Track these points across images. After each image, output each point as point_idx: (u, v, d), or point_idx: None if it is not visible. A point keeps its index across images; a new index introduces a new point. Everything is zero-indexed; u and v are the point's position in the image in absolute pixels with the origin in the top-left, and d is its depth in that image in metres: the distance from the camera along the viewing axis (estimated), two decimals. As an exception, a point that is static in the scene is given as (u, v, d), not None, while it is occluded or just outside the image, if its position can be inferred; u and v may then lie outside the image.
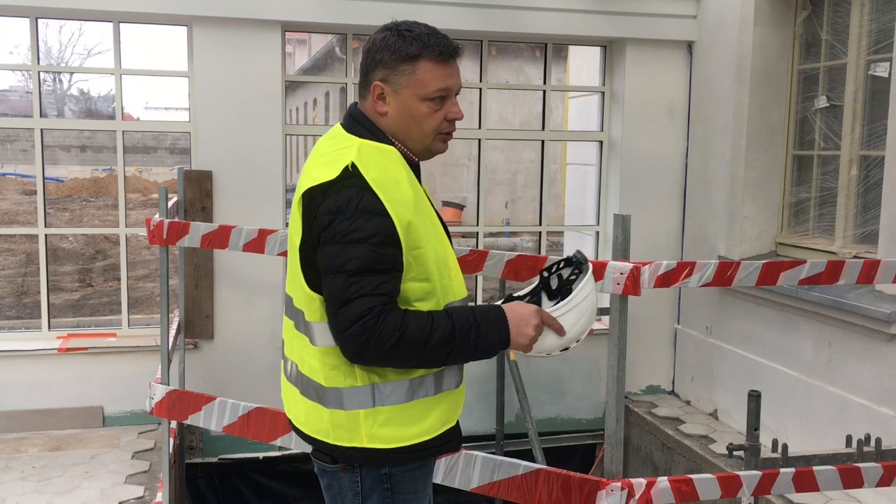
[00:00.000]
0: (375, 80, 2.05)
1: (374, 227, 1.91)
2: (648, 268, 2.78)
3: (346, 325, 1.89)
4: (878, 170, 4.50)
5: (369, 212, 1.92)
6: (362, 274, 1.90)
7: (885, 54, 4.50)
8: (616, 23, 5.80)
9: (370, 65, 2.06)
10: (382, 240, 1.92)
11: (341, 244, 1.91)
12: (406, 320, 1.91)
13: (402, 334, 1.89)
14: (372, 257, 1.90)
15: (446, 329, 1.94)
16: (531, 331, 2.04)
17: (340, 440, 2.03)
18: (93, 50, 32.99)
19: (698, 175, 5.91)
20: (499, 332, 2.01)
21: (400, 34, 2.04)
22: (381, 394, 2.01)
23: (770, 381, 5.02)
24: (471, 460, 2.98)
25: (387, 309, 1.90)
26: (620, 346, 2.83)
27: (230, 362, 5.42)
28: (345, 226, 1.91)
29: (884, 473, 2.99)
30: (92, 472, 4.60)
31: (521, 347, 2.06)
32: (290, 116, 27.11)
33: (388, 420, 2.01)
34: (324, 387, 2.04)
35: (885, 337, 4.21)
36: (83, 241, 15.00)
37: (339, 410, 2.02)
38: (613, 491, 2.81)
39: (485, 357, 2.04)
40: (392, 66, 2.03)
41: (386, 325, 1.88)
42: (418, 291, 2.00)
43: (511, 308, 2.05)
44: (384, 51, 2.04)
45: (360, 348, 1.90)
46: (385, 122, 2.08)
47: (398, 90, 2.04)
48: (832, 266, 2.91)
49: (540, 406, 5.95)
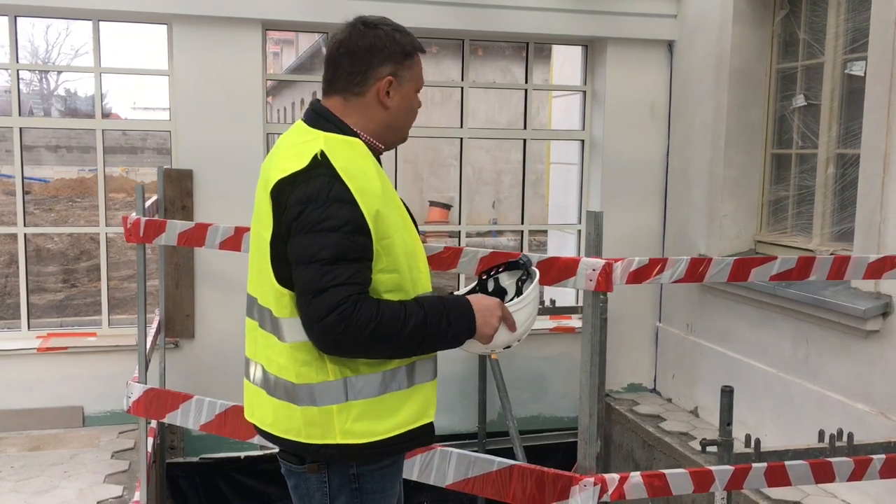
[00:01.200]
0: (384, 74, 2.09)
1: (346, 215, 1.91)
2: (620, 264, 2.80)
3: (321, 314, 1.88)
4: (855, 168, 4.54)
5: (340, 200, 1.92)
6: (336, 263, 1.89)
7: (860, 53, 4.54)
8: (596, 22, 5.83)
9: (373, 60, 2.08)
10: (354, 228, 1.92)
11: (313, 233, 1.90)
12: (381, 309, 1.91)
13: (379, 323, 1.89)
14: (345, 246, 1.90)
15: (419, 318, 1.95)
16: (496, 321, 2.07)
17: (313, 438, 2.02)
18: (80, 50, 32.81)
19: (679, 174, 5.94)
20: (467, 322, 2.03)
21: (396, 30, 2.11)
22: (354, 388, 2.00)
23: (749, 377, 5.05)
24: (446, 457, 3.00)
25: (362, 298, 1.90)
26: (594, 342, 2.85)
27: (211, 361, 5.40)
28: (316, 215, 1.90)
29: (855, 468, 3.02)
30: (71, 471, 4.59)
31: (484, 338, 2.08)
32: (278, 116, 27.05)
33: (361, 414, 2.01)
34: (294, 384, 2.02)
35: (861, 334, 4.24)
36: (68, 241, 14.93)
37: (311, 407, 2.01)
38: (586, 486, 2.82)
39: (454, 346, 2.07)
40: (399, 60, 2.10)
41: (362, 314, 1.88)
42: (388, 283, 2.00)
43: (476, 299, 2.08)
44: (392, 46, 2.09)
45: (336, 338, 1.89)
46: (382, 115, 2.11)
47: (402, 84, 2.11)
48: (803, 262, 2.93)
49: (522, 404, 5.97)
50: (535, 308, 2.24)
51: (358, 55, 2.08)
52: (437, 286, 8.50)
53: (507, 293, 2.32)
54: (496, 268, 2.35)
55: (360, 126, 2.10)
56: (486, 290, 2.33)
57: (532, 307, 2.21)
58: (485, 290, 2.33)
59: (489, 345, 2.12)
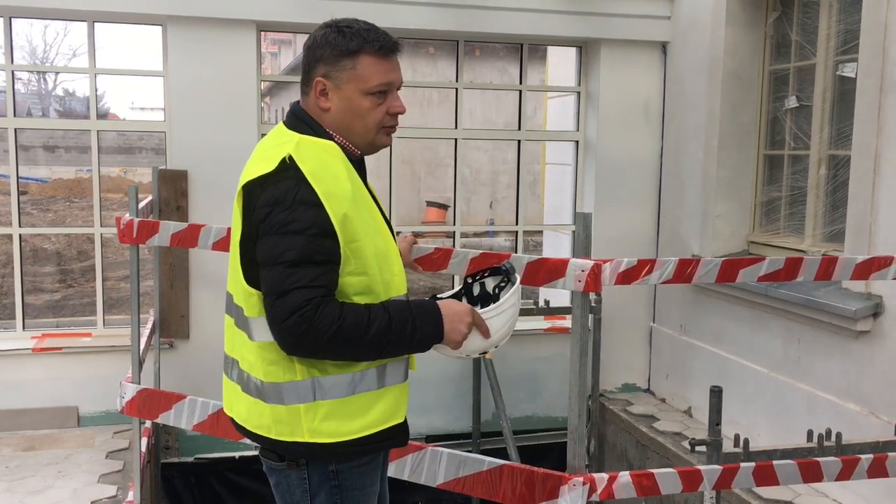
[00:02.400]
0: (317, 76, 2.07)
1: (311, 218, 1.93)
2: (609, 265, 2.81)
3: (283, 316, 1.90)
4: (846, 169, 4.56)
5: (306, 203, 1.93)
6: (299, 265, 1.91)
7: (852, 55, 4.56)
8: (590, 23, 5.84)
9: (311, 61, 2.08)
10: (319, 231, 1.93)
11: (279, 235, 1.93)
12: (344, 312, 1.92)
13: (340, 326, 1.91)
14: (309, 249, 1.92)
15: (383, 322, 1.96)
16: (464, 328, 2.07)
17: (282, 435, 2.04)
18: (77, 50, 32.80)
19: (672, 174, 5.96)
20: (433, 327, 2.03)
21: (339, 30, 2.06)
22: (322, 388, 2.02)
23: (741, 377, 5.07)
24: (437, 457, 3.01)
25: (325, 301, 1.92)
26: (583, 342, 2.87)
27: (206, 361, 5.39)
28: (282, 217, 1.92)
29: (843, 467, 3.04)
30: (65, 471, 4.60)
31: (452, 344, 2.08)
32: (276, 116, 27.04)
33: (328, 414, 2.02)
34: (262, 382, 2.04)
35: (851, 334, 4.26)
36: (65, 241, 14.93)
37: (279, 405, 2.03)
38: (575, 486, 2.84)
39: (419, 351, 2.07)
40: (333, 61, 2.05)
41: (324, 317, 1.89)
42: (357, 285, 2.01)
43: (446, 305, 2.08)
44: (324, 47, 2.06)
45: (297, 339, 1.91)
46: (328, 117, 2.09)
47: (340, 85, 2.06)
48: (791, 263, 2.95)
49: (516, 404, 5.98)
50: (514, 315, 2.21)
51: (304, 58, 2.11)
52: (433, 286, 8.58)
53: (493, 298, 2.33)
54: (482, 272, 2.36)
55: (331, 128, 2.10)
56: (472, 293, 2.34)
57: (509, 314, 2.19)
58: (470, 294, 2.34)
59: (460, 350, 2.12)
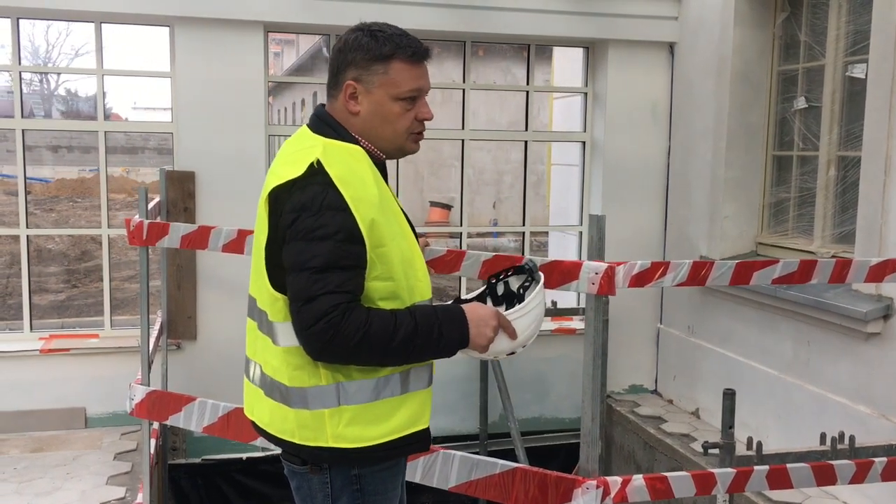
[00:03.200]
0: (348, 79, 2.06)
1: (339, 223, 1.92)
2: (623, 267, 2.80)
3: (310, 322, 1.90)
4: (856, 170, 4.55)
5: (334, 208, 1.92)
6: (327, 271, 1.90)
7: (861, 56, 4.55)
8: (598, 24, 5.83)
9: (341, 64, 2.08)
10: (346, 236, 1.92)
11: (306, 241, 1.92)
12: (370, 318, 1.92)
13: (367, 332, 1.90)
14: (336, 254, 1.91)
15: (409, 327, 1.95)
16: (490, 332, 2.06)
17: (306, 440, 2.03)
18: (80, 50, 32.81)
19: (680, 175, 5.95)
20: (459, 332, 2.02)
21: (372, 34, 2.06)
22: (346, 393, 2.01)
23: (750, 379, 5.06)
24: (448, 459, 3.00)
25: (351, 306, 1.91)
26: (596, 345, 2.85)
27: (213, 363, 5.41)
28: (310, 223, 1.92)
29: (857, 471, 3.03)
30: (73, 473, 4.60)
31: (479, 348, 2.07)
32: (279, 117, 27.07)
33: (353, 419, 2.01)
34: (287, 387, 2.04)
35: (862, 336, 4.25)
36: (69, 241, 14.94)
37: (303, 410, 2.02)
38: (589, 489, 2.83)
39: (445, 356, 2.06)
40: (364, 65, 2.05)
41: (350, 323, 1.89)
42: (382, 290, 2.01)
43: (471, 309, 2.07)
44: (357, 50, 2.05)
45: (323, 345, 1.90)
46: (356, 121, 2.08)
47: (371, 90, 2.06)
48: (804, 265, 2.94)
49: (523, 406, 5.97)
50: (540, 313, 2.20)
51: (333, 60, 2.10)
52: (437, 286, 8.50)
53: (517, 297, 2.31)
54: (505, 271, 2.34)
55: (358, 132, 2.09)
56: (496, 293, 2.32)
57: (535, 313, 2.19)
58: (494, 294, 2.32)
59: (488, 353, 2.12)
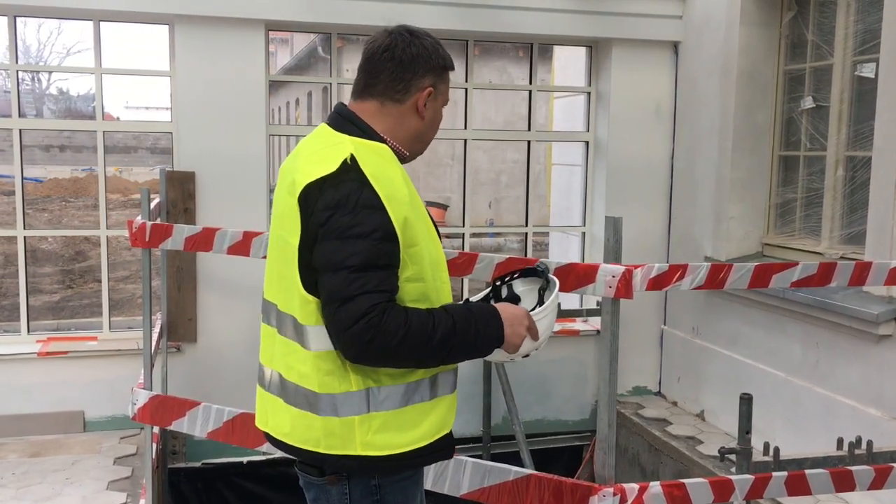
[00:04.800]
0: (426, 85, 2.08)
1: (376, 222, 1.88)
2: (640, 270, 2.75)
3: (349, 322, 1.84)
4: (865, 170, 4.51)
5: (370, 207, 1.88)
6: (365, 270, 1.85)
7: (871, 55, 4.51)
8: (602, 23, 5.78)
9: (418, 68, 2.06)
10: (383, 235, 1.88)
11: (341, 239, 1.87)
12: (409, 317, 1.88)
13: (408, 331, 1.86)
14: (374, 253, 1.87)
15: (448, 325, 1.91)
16: (523, 331, 2.05)
17: (333, 448, 1.98)
18: (72, 49, 32.72)
19: (684, 176, 5.90)
20: (496, 330, 2.00)
21: (437, 42, 2.11)
22: (376, 399, 1.96)
23: (757, 382, 5.01)
24: (460, 466, 2.95)
25: (390, 306, 1.87)
26: (612, 350, 2.81)
27: (214, 366, 5.34)
28: (345, 221, 1.87)
29: (875, 476, 2.98)
30: (73, 478, 4.52)
31: (511, 347, 2.05)
32: (273, 116, 26.97)
33: (382, 426, 1.97)
34: (317, 393, 1.98)
35: (872, 338, 4.21)
36: (62, 242, 14.83)
37: (332, 417, 1.97)
38: (605, 496, 2.78)
39: (481, 355, 2.04)
40: (440, 74, 2.10)
41: (391, 322, 1.84)
42: (413, 292, 1.97)
43: (503, 308, 2.06)
44: (436, 57, 2.09)
45: (364, 346, 1.85)
46: (414, 124, 2.10)
47: (437, 97, 2.11)
48: (824, 268, 2.89)
49: (527, 408, 5.92)
50: (555, 317, 2.21)
51: (405, 62, 2.05)
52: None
53: (521, 300, 2.29)
54: (510, 274, 2.32)
55: (389, 132, 2.07)
56: (500, 296, 2.29)
57: (553, 316, 2.19)
58: (498, 297, 2.29)
59: (514, 354, 2.09)
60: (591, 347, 6.10)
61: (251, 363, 5.74)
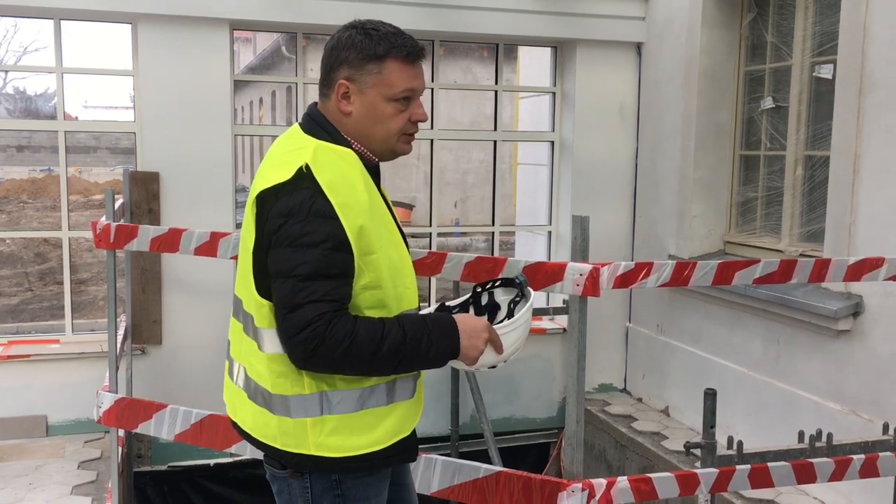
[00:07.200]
0: (340, 78, 2.01)
1: (327, 231, 1.87)
2: (607, 269, 2.79)
3: (294, 330, 1.85)
4: (823, 169, 4.61)
5: (322, 216, 1.88)
6: (313, 279, 1.86)
7: (828, 56, 4.61)
8: (566, 24, 5.83)
9: (334, 63, 2.02)
10: (334, 244, 1.88)
11: (292, 248, 1.87)
12: (356, 327, 1.87)
13: (353, 342, 1.85)
14: (323, 262, 1.87)
15: (397, 337, 1.90)
16: (482, 344, 2.02)
17: (288, 446, 1.99)
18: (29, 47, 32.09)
19: (648, 175, 5.98)
20: (450, 342, 1.97)
21: (366, 33, 2.00)
22: (329, 403, 1.96)
23: (720, 377, 5.09)
24: (431, 464, 2.96)
25: (337, 315, 1.87)
26: (580, 347, 2.84)
27: (180, 368, 5.30)
28: (296, 229, 1.87)
29: (835, 468, 3.06)
30: (36, 483, 4.46)
31: (469, 360, 2.02)
32: (236, 115, 26.75)
33: (335, 429, 1.97)
34: (270, 393, 1.99)
35: (831, 333, 4.31)
36: (21, 243, 14.55)
37: (285, 418, 1.98)
38: (574, 492, 2.81)
39: (435, 366, 2.01)
40: (358, 65, 1.99)
41: (336, 332, 1.84)
42: (369, 300, 1.96)
43: (463, 320, 2.02)
44: (350, 49, 1.99)
45: (308, 355, 1.86)
46: (349, 122, 2.03)
47: (364, 90, 2.00)
48: (785, 265, 2.96)
49: (494, 406, 5.95)
50: (527, 330, 2.18)
51: (325, 56, 2.04)
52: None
53: (501, 308, 2.28)
54: (493, 282, 2.31)
55: (350, 134, 2.04)
56: (480, 303, 2.29)
57: (523, 329, 2.16)
58: (478, 303, 2.28)
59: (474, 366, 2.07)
60: (557, 346, 6.16)
61: (217, 365, 5.67)
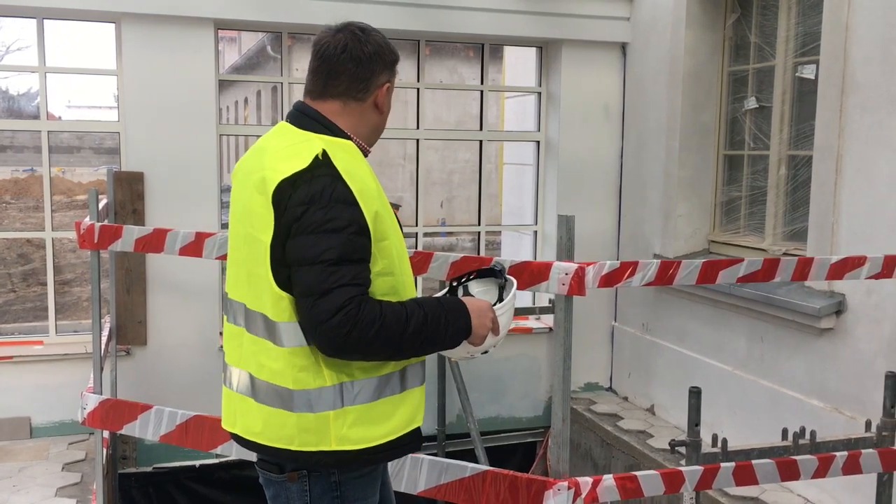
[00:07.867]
0: (383, 81, 2.14)
1: (350, 216, 1.91)
2: (592, 268, 2.80)
3: (326, 315, 1.87)
4: (806, 169, 4.64)
5: (343, 201, 1.92)
6: (340, 264, 1.89)
7: (811, 57, 4.64)
8: (551, 24, 5.85)
9: (376, 66, 2.11)
10: (357, 229, 1.92)
11: (316, 234, 1.90)
12: (384, 309, 1.92)
13: (383, 324, 1.89)
14: (349, 247, 1.90)
15: (420, 317, 1.95)
16: (489, 322, 2.10)
17: (307, 445, 1.99)
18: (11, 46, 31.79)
19: (633, 174, 6.00)
20: (465, 321, 2.05)
21: (385, 38, 2.15)
22: (350, 393, 1.99)
23: (705, 375, 5.12)
24: (417, 463, 2.97)
25: (365, 299, 1.90)
26: (566, 346, 2.86)
27: (165, 368, 5.27)
28: (320, 215, 1.90)
29: (819, 465, 3.08)
30: (20, 485, 4.42)
31: (478, 339, 2.09)
32: (221, 115, 26.65)
33: (356, 420, 2.00)
34: (291, 390, 1.99)
35: (815, 331, 4.34)
36: (4, 244, 14.43)
37: (307, 414, 1.98)
38: (560, 490, 2.83)
39: (451, 346, 2.07)
40: (391, 68, 2.16)
41: (366, 315, 1.88)
42: (383, 286, 2.01)
43: (469, 301, 2.10)
44: (388, 53, 2.14)
45: (343, 339, 1.88)
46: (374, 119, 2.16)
47: (390, 91, 2.18)
48: (768, 264, 2.98)
49: (481, 406, 5.96)
50: (512, 314, 2.26)
51: (363, 62, 2.09)
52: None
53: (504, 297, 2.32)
54: (467, 275, 2.35)
55: (352, 129, 2.11)
56: (456, 296, 2.32)
57: (511, 313, 2.24)
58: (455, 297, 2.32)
59: (476, 348, 2.13)
60: (543, 345, 6.18)
61: (203, 365, 5.70)
